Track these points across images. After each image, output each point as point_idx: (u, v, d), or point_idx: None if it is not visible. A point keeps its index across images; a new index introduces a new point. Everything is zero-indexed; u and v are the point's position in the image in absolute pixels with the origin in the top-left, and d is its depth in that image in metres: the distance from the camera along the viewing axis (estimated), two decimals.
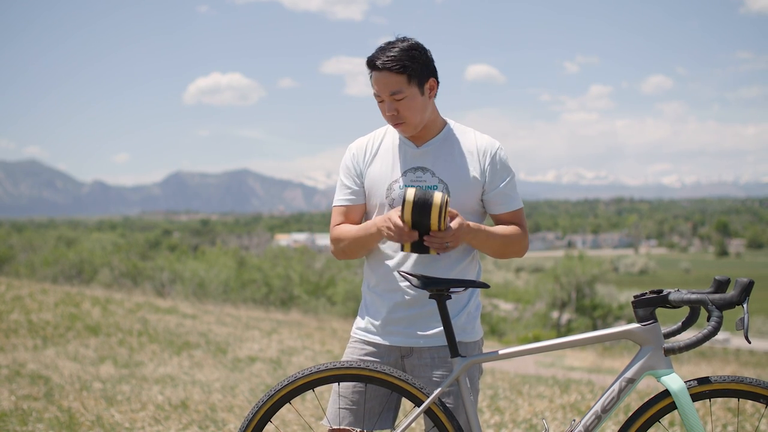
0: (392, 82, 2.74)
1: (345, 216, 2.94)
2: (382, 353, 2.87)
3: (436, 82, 2.82)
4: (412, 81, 2.75)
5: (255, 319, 15.40)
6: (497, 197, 2.88)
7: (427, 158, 2.85)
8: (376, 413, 2.83)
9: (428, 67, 2.80)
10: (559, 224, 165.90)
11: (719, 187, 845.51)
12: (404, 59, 2.73)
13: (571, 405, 6.61)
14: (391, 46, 2.76)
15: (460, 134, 2.91)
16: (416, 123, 2.80)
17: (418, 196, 2.63)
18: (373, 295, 2.91)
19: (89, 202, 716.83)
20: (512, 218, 2.90)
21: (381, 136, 2.96)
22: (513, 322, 41.55)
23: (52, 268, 35.10)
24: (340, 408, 2.83)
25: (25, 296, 12.96)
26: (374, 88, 2.80)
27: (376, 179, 2.89)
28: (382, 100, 2.79)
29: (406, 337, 2.83)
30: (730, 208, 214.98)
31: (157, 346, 9.83)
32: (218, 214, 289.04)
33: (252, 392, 7.12)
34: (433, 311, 2.81)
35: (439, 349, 2.82)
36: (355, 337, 2.95)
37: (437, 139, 2.88)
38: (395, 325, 2.84)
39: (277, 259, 37.88)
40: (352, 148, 2.97)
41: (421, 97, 2.78)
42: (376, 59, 2.75)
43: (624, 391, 2.58)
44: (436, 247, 2.69)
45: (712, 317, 2.47)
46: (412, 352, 2.84)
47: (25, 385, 6.60)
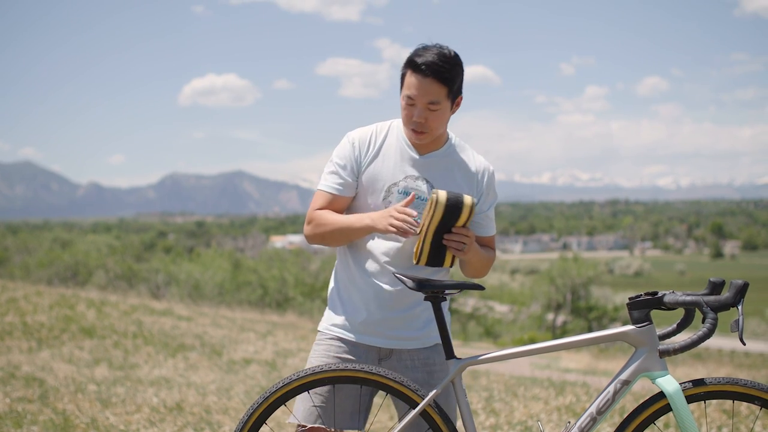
0: (434, 91, 2.69)
1: (329, 203, 2.85)
2: (360, 353, 2.84)
3: (461, 98, 2.82)
4: (450, 95, 2.72)
5: (250, 321, 15.39)
6: (482, 219, 2.90)
7: (428, 169, 2.83)
8: (347, 412, 2.81)
9: (461, 85, 2.78)
10: (555, 226, 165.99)
11: (714, 189, 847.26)
12: (452, 71, 2.69)
13: (566, 407, 6.61)
14: (437, 52, 2.69)
15: (460, 151, 2.90)
16: (437, 135, 2.79)
17: (450, 197, 2.63)
18: (354, 291, 2.86)
19: (84, 204, 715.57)
20: (489, 242, 2.95)
21: (384, 132, 2.88)
22: (508, 324, 41.61)
23: (47, 270, 35.04)
24: (313, 406, 2.80)
25: (20, 298, 12.92)
26: (409, 90, 2.72)
27: (375, 179, 2.83)
28: (413, 103, 2.73)
29: (387, 338, 2.83)
30: (725, 210, 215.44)
31: (152, 349, 9.81)
32: (213, 215, 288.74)
33: (247, 394, 7.11)
34: (415, 314, 2.82)
35: (419, 352, 2.83)
36: (329, 334, 2.90)
37: (440, 152, 2.86)
38: (377, 325, 2.82)
39: (273, 261, 37.84)
40: (354, 138, 2.88)
41: (449, 112, 2.77)
42: (423, 63, 2.67)
43: (619, 393, 2.58)
44: (455, 246, 2.69)
45: (707, 319, 2.47)
46: (392, 354, 2.84)
47: (19, 388, 6.58)
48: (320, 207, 2.86)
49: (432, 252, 2.72)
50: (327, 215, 2.83)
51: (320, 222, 2.84)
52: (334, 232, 2.81)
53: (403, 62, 2.77)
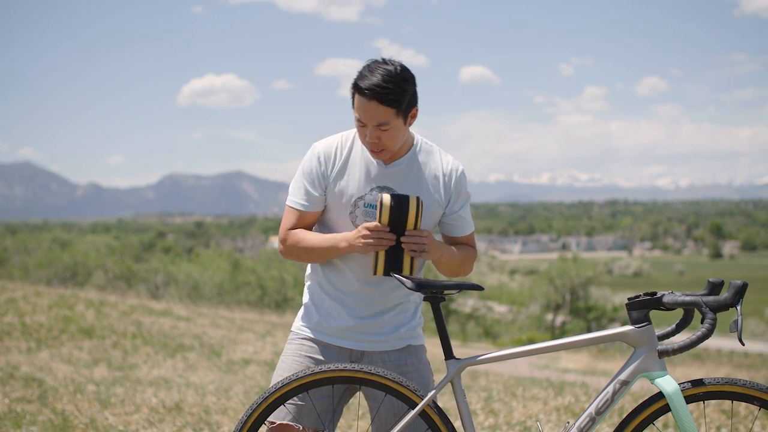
0: (381, 113, 2.66)
1: (299, 220, 2.86)
2: (331, 355, 2.85)
3: (416, 110, 2.78)
4: (400, 114, 2.69)
5: (249, 321, 15.40)
6: (455, 220, 2.90)
7: (394, 178, 2.82)
8: (317, 412, 2.80)
9: (415, 98, 2.74)
10: (554, 226, 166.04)
11: (713, 190, 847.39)
12: (397, 92, 2.65)
13: (565, 407, 6.61)
14: (384, 73, 2.65)
15: (426, 155, 2.88)
16: (395, 150, 2.78)
17: (394, 199, 2.66)
18: (326, 298, 2.88)
19: (83, 205, 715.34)
20: (467, 240, 2.95)
21: (349, 143, 2.87)
22: (507, 324, 41.66)
23: (46, 270, 35.03)
24: (287, 404, 2.79)
25: (19, 299, 12.92)
26: (357, 113, 2.70)
27: (341, 193, 2.82)
28: (364, 125, 2.71)
29: (358, 341, 2.84)
30: (724, 210, 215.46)
31: (151, 349, 9.81)
32: (212, 216, 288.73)
33: (246, 394, 7.12)
34: (385, 320, 2.85)
35: (390, 354, 2.85)
36: (302, 334, 2.91)
37: (405, 159, 2.84)
38: (351, 329, 2.84)
39: (272, 261, 37.84)
40: (318, 150, 2.86)
41: (403, 127, 2.74)
42: (366, 87, 2.65)
43: (618, 393, 2.58)
44: (413, 248, 2.69)
45: (705, 319, 2.47)
46: (363, 356, 2.85)
47: (18, 388, 6.58)
48: (292, 225, 2.86)
49: (388, 259, 2.71)
50: (301, 235, 2.84)
51: (294, 243, 2.85)
52: (311, 252, 2.83)
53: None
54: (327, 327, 2.86)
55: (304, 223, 2.86)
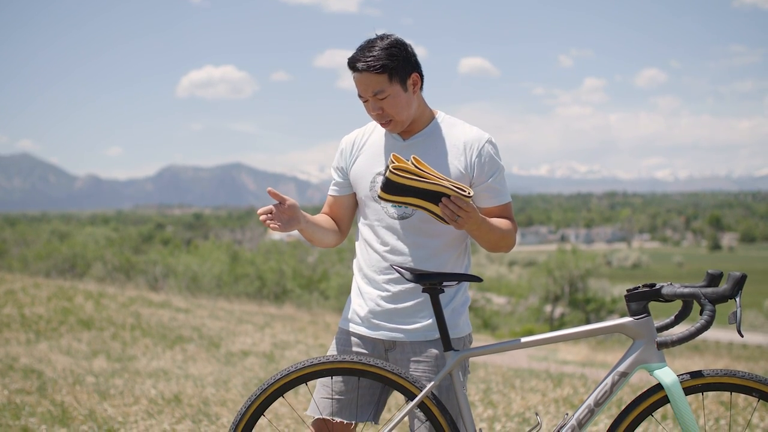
0: (373, 82, 2.72)
1: (330, 206, 3.03)
2: (368, 345, 2.86)
3: (419, 76, 2.79)
4: (394, 79, 2.73)
5: (248, 313, 15.40)
6: (486, 191, 2.83)
7: (413, 151, 2.82)
8: (360, 405, 2.81)
9: (409, 63, 2.76)
10: (552, 218, 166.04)
11: (712, 181, 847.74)
12: (383, 58, 2.71)
13: (563, 399, 6.62)
14: (371, 46, 2.74)
15: (448, 127, 2.88)
16: (403, 120, 2.79)
17: (383, 186, 2.61)
18: (363, 283, 2.91)
19: (82, 196, 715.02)
20: (501, 212, 2.86)
21: (371, 130, 2.97)
22: (506, 315, 41.64)
23: (44, 262, 35.04)
24: (324, 398, 2.83)
25: (18, 290, 12.92)
26: (357, 90, 2.79)
27: (359, 174, 2.91)
28: (366, 100, 2.78)
29: (389, 330, 2.82)
30: (723, 202, 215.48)
31: (150, 341, 9.82)
32: (211, 207, 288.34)
33: (245, 386, 7.12)
34: (417, 306, 2.79)
35: (421, 344, 2.80)
36: (342, 328, 2.96)
37: (424, 132, 2.86)
38: (380, 318, 2.83)
39: (270, 253, 37.88)
40: (342, 142, 3.01)
41: (404, 94, 2.75)
42: (356, 61, 2.74)
43: (617, 385, 2.59)
44: (449, 214, 2.58)
45: (704, 311, 2.47)
46: (395, 346, 2.83)
47: (17, 379, 6.59)
48: (324, 211, 3.05)
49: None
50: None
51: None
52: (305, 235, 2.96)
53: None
54: (361, 316, 2.91)
55: (334, 210, 3.03)
